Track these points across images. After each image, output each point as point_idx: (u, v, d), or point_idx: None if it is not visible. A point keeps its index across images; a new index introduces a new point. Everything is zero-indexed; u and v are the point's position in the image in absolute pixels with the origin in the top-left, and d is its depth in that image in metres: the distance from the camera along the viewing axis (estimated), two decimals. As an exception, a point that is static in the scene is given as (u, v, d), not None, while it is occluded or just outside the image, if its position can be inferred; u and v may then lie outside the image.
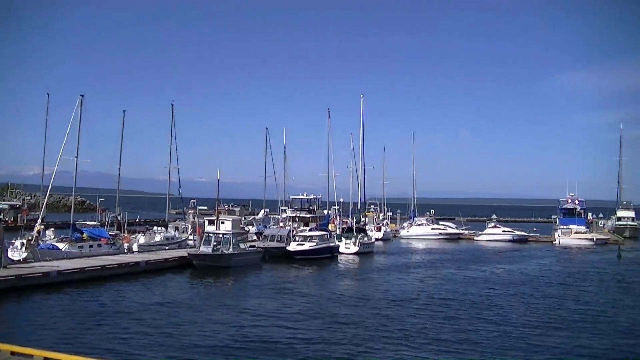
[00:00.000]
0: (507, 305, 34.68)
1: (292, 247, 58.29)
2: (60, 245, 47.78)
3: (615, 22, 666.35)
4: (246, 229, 74.13)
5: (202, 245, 50.90)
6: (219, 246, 49.91)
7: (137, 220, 62.06)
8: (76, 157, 51.05)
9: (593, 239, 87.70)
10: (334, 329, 27.38)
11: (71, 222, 52.42)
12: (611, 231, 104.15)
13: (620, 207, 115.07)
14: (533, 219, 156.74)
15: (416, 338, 25.75)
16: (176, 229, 64.82)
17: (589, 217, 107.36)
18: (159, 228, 62.42)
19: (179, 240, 59.82)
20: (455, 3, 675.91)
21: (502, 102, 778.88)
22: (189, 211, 78.97)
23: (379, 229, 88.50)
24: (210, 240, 50.21)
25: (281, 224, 74.29)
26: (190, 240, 59.54)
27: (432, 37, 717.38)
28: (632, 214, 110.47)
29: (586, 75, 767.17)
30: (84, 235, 51.17)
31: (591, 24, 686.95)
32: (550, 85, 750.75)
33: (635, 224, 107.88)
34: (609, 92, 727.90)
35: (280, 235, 61.29)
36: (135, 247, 52.77)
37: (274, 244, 59.46)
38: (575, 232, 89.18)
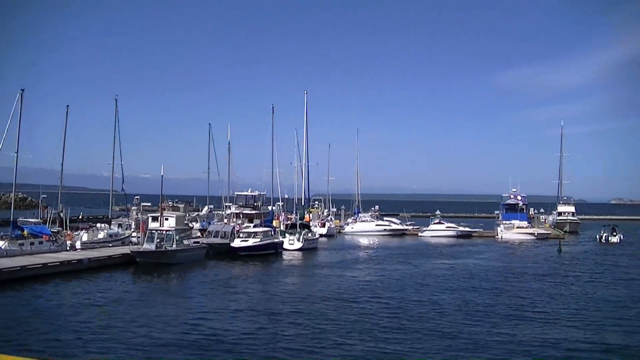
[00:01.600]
0: (446, 301, 35.47)
1: (236, 243, 59.04)
2: (0, 243, 47.60)
3: (556, 19, 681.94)
4: (190, 225, 74.62)
5: (145, 242, 51.47)
6: (163, 243, 50.51)
7: (80, 217, 61.89)
8: (16, 152, 50.99)
9: (534, 233, 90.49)
10: (277, 326, 27.86)
11: (11, 219, 51.86)
12: (552, 226, 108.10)
13: (561, 202, 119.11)
14: (477, 214, 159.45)
15: (356, 334, 26.40)
16: (119, 225, 64.62)
17: (530, 212, 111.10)
18: (102, 225, 62.25)
19: (122, 237, 59.76)
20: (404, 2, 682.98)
21: (446, 98, 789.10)
22: (133, 208, 79.04)
23: (323, 225, 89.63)
24: (154, 237, 50.77)
25: (225, 221, 74.78)
26: (134, 237, 59.80)
27: (376, 34, 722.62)
28: (572, 209, 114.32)
29: (528, 73, 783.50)
30: (25, 232, 50.74)
31: (532, 21, 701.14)
32: (494, 81, 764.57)
33: (575, 218, 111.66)
34: (550, 89, 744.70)
35: (224, 232, 62.07)
36: (78, 245, 52.72)
37: (218, 240, 60.17)
38: (517, 227, 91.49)
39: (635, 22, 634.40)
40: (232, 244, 58.98)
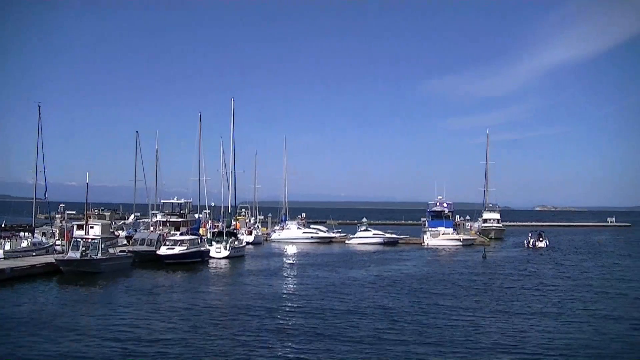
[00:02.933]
0: (369, 309, 35.88)
1: (163, 251, 59.61)
2: None
3: (483, 28, 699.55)
4: (116, 233, 74.64)
5: (70, 250, 51.47)
6: (88, 251, 50.62)
7: (2, 225, 61.31)
8: None
9: (460, 240, 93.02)
10: (203, 335, 28.21)
11: None
12: (478, 232, 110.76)
13: (486, 209, 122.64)
14: (403, 221, 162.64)
15: (278, 342, 26.98)
16: (43, 234, 64.16)
17: (456, 219, 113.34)
18: (25, 233, 61.84)
19: (46, 245, 59.31)
20: (334, 7, 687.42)
21: (374, 105, 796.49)
22: (57, 216, 78.60)
23: (250, 233, 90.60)
24: (79, 246, 50.82)
25: (151, 228, 75.14)
26: (58, 245, 59.40)
27: (304, 40, 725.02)
28: (497, 215, 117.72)
29: (456, 81, 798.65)
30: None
31: (459, 30, 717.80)
32: (421, 89, 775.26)
33: (500, 225, 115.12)
34: (477, 97, 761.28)
35: (151, 239, 62.48)
36: (0, 254, 52.42)
37: (144, 248, 60.61)
38: (443, 234, 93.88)
39: (560, 31, 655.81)
40: (158, 252, 59.45)
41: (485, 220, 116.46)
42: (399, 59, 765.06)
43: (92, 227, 65.51)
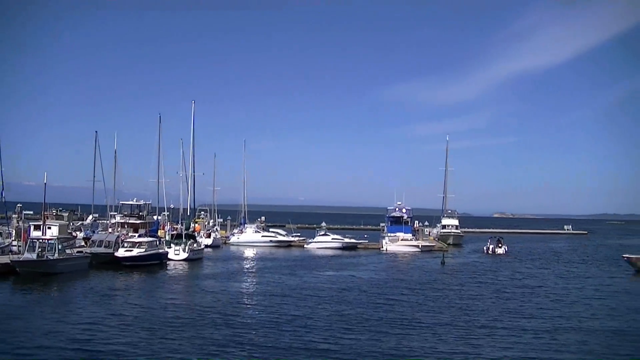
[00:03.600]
0: (324, 314, 36.09)
1: (121, 253, 59.47)
2: None
3: (444, 36, 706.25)
4: (74, 234, 74.10)
5: (26, 251, 51.07)
6: (44, 252, 50.22)
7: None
8: None
9: (419, 245, 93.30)
10: (159, 338, 28.29)
11: None
12: (436, 238, 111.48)
13: (445, 215, 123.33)
14: (362, 226, 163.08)
15: (235, 346, 27.23)
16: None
17: (415, 225, 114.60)
18: (-20, 234, 61.41)
19: (1, 246, 58.53)
20: (294, 13, 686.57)
21: (334, 111, 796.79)
22: (13, 216, 77.94)
23: (209, 236, 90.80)
24: (35, 246, 50.42)
25: (110, 230, 74.95)
26: (14, 246, 58.88)
27: (265, 44, 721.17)
28: (456, 222, 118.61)
29: (417, 87, 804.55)
30: None
31: (420, 37, 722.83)
32: (382, 95, 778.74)
33: (459, 231, 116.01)
34: (436, 105, 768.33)
35: (109, 241, 62.17)
36: (-46, 254, 51.89)
37: (102, 250, 60.33)
38: (402, 240, 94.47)
39: (519, 41, 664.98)
40: (116, 254, 59.32)
41: (444, 227, 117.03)
42: (360, 66, 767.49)
43: (49, 228, 64.90)
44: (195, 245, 71.51)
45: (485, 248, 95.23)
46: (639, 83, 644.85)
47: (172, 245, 67.87)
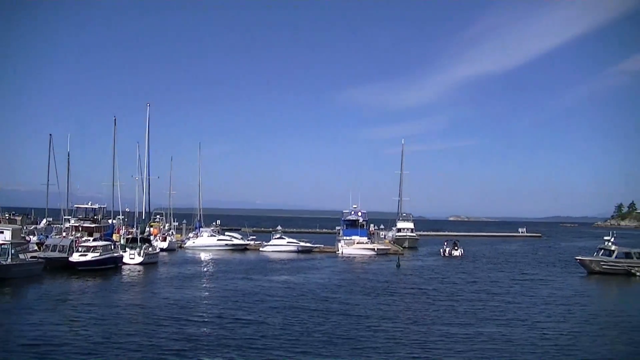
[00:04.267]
0: (277, 319, 36.15)
1: (75, 257, 59.18)
2: None
3: (400, 39, 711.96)
4: (27, 238, 73.56)
5: (-22, 256, 50.87)
6: (-3, 257, 50.15)
7: None
8: None
9: (374, 249, 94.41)
10: (112, 344, 28.32)
11: None
12: (392, 242, 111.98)
13: (401, 218, 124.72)
14: (318, 230, 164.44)
15: (187, 351, 27.50)
16: (-50, 239, 62.81)
17: (371, 228, 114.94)
18: None
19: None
20: (254, 16, 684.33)
21: (290, 114, 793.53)
22: (-36, 221, 77.23)
23: (164, 239, 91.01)
24: (-12, 252, 50.25)
25: (64, 234, 74.58)
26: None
27: (221, 48, 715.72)
28: (411, 225, 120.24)
29: (373, 91, 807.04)
30: None
31: (376, 40, 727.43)
32: (338, 99, 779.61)
33: (414, 234, 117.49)
34: (393, 108, 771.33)
35: (63, 245, 61.84)
36: None
37: (56, 254, 59.98)
38: (357, 243, 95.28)
39: (475, 45, 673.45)
40: (71, 258, 59.05)
41: (399, 230, 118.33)
42: (317, 69, 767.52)
43: (1, 232, 64.57)
44: (150, 249, 71.61)
45: (441, 251, 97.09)
46: (594, 87, 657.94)
47: (127, 249, 67.89)
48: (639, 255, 68.65)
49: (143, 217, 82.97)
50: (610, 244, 69.64)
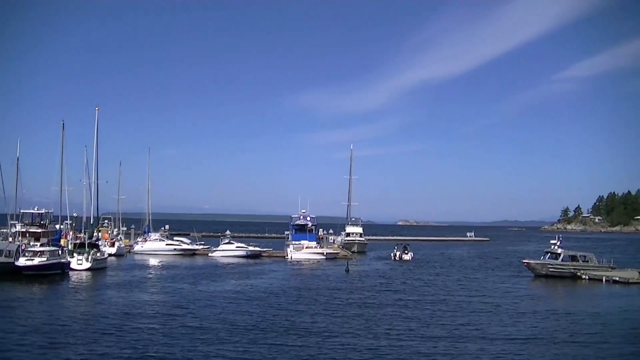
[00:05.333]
0: (226, 323, 36.68)
1: (21, 262, 59.12)
2: None
3: (349, 43, 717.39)
4: (-28, 244, 72.93)
5: None
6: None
7: None
8: None
9: (323, 253, 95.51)
10: (56, 351, 28.22)
11: None
12: (341, 246, 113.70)
13: (350, 223, 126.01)
14: (267, 234, 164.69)
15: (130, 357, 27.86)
16: None
17: (320, 233, 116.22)
18: None
19: None
20: (202, 16, 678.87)
21: (238, 119, 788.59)
22: None
23: (113, 245, 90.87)
24: None
25: (10, 239, 74.22)
26: None
27: (170, 51, 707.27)
28: (360, 229, 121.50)
29: (322, 95, 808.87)
30: None
31: (325, 45, 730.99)
32: (287, 104, 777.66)
33: (363, 239, 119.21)
34: (342, 113, 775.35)
35: (9, 250, 61.57)
36: None
37: (2, 260, 59.66)
38: (306, 247, 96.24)
39: (423, 51, 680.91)
40: (17, 263, 58.99)
41: (348, 234, 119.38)
42: (265, 73, 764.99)
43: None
44: (98, 254, 71.53)
45: (392, 255, 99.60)
46: (543, 93, 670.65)
47: (74, 254, 67.72)
48: (585, 258, 71.60)
49: (91, 222, 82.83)
50: (556, 247, 72.33)
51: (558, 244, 72.47)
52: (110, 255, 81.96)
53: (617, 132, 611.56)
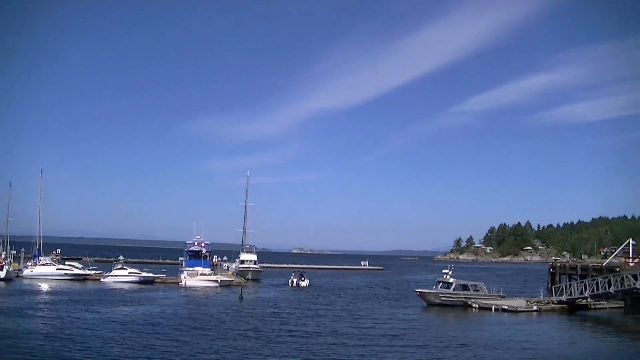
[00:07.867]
0: (115, 353, 35.88)
1: None
2: None
3: (250, 68, 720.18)
4: None
5: None
6: None
7: None
8: None
9: (218, 280, 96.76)
10: None
11: None
12: (235, 273, 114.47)
13: (245, 250, 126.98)
14: (161, 260, 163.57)
15: None
16: None
17: (214, 260, 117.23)
18: None
19: None
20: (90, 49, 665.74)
21: (133, 144, 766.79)
22: None
23: (1, 268, 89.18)
24: None
25: None
26: None
27: (61, 71, 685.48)
28: (254, 257, 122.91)
29: (220, 121, 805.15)
30: None
31: (225, 69, 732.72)
32: (183, 129, 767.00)
33: (257, 266, 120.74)
34: (239, 140, 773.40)
35: None
36: None
37: None
38: (200, 274, 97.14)
39: (323, 81, 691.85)
40: None
41: (242, 262, 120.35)
42: (160, 98, 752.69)
43: None
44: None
45: (289, 281, 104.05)
46: (438, 125, 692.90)
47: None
48: (476, 287, 74.92)
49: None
50: (448, 276, 75.11)
51: (450, 273, 75.14)
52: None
53: (508, 165, 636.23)
